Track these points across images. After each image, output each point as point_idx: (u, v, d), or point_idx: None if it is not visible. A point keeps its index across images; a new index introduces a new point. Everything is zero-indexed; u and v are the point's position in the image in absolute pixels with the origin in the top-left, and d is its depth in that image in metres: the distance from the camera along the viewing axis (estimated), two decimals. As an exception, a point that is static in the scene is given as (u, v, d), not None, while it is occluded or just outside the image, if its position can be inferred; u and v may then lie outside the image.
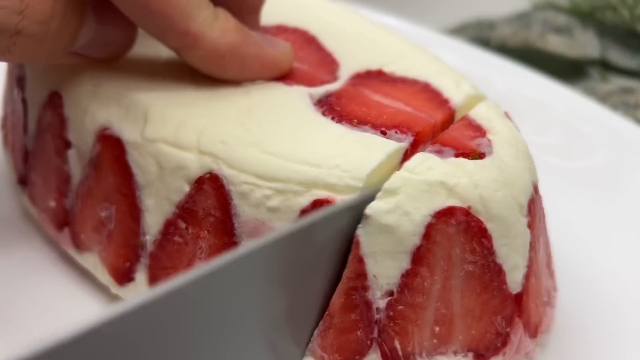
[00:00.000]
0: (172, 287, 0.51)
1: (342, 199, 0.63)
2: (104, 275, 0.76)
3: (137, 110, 0.71)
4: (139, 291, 0.73)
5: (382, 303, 0.65)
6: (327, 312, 0.66)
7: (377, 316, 0.66)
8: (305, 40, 0.82)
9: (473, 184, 0.65)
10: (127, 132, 0.71)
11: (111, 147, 0.72)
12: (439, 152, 0.68)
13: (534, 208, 0.71)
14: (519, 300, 0.68)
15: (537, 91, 1.15)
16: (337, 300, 0.66)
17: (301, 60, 0.79)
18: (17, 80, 0.85)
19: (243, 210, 0.66)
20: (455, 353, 0.68)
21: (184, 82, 0.74)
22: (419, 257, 0.64)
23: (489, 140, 0.70)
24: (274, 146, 0.66)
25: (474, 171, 0.66)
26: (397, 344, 0.66)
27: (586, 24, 1.51)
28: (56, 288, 0.80)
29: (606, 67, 1.47)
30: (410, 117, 0.71)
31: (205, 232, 0.68)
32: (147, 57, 0.77)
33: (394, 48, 0.82)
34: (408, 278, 0.64)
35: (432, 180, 0.64)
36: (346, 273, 0.65)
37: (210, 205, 0.67)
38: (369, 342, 0.66)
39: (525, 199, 0.69)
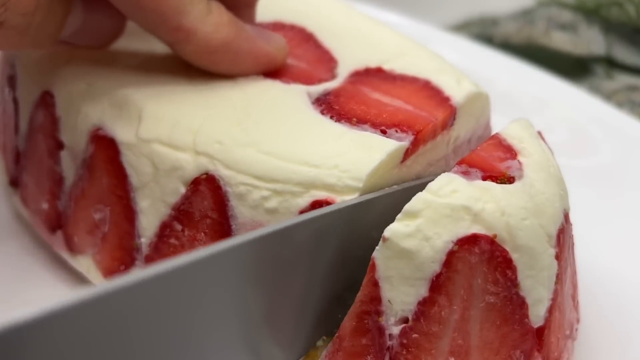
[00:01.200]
0: (145, 276, 0.49)
1: (342, 199, 0.63)
2: (98, 279, 0.76)
3: (130, 109, 0.71)
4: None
5: (395, 330, 0.63)
6: (337, 335, 0.65)
7: (389, 343, 0.63)
8: (303, 37, 0.82)
9: (500, 210, 0.62)
10: (121, 132, 0.71)
11: (104, 147, 0.72)
12: (465, 174, 0.65)
13: (563, 238, 0.68)
14: (540, 334, 0.65)
15: (541, 89, 1.15)
16: (348, 323, 0.64)
17: (299, 57, 0.79)
18: (8, 80, 0.85)
19: (240, 212, 0.66)
20: None
21: (179, 79, 0.74)
22: (438, 285, 0.61)
23: (519, 162, 0.67)
24: (271, 146, 0.66)
25: (501, 197, 0.63)
26: None
27: (591, 21, 1.51)
28: (49, 292, 0.80)
29: (611, 64, 1.47)
30: (411, 115, 0.71)
31: (202, 234, 0.68)
32: (141, 54, 0.77)
33: (394, 45, 0.82)
34: (425, 306, 0.62)
35: (456, 205, 0.61)
36: (359, 296, 0.63)
37: (206, 206, 0.67)
38: None
39: (555, 229, 0.66)
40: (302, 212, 0.64)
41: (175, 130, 0.69)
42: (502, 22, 1.49)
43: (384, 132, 0.69)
